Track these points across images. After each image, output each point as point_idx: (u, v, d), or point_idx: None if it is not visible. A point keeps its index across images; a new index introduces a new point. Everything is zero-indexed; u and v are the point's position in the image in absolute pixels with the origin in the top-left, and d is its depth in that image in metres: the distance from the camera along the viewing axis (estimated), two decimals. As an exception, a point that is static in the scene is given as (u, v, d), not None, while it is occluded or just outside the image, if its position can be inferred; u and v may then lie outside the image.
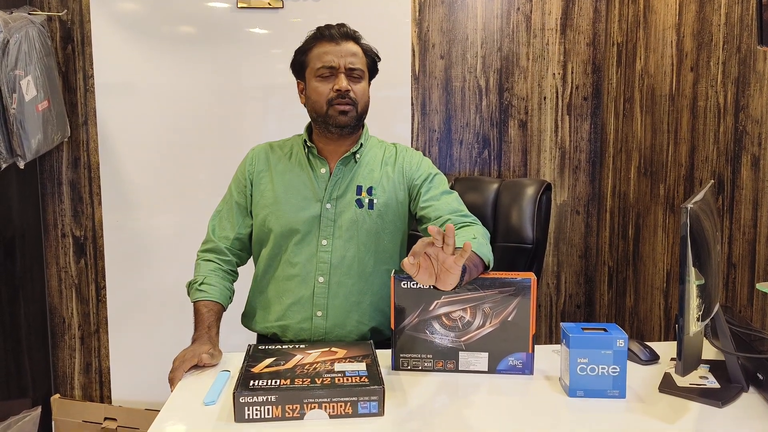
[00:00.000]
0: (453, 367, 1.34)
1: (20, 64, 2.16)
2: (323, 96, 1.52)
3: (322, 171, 1.58)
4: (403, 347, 1.35)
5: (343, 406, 1.14)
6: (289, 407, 1.13)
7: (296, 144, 1.64)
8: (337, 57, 1.51)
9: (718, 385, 1.26)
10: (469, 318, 1.33)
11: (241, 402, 1.12)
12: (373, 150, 1.63)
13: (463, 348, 1.34)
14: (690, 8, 1.96)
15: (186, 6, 2.44)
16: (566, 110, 2.61)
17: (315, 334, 1.56)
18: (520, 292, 1.32)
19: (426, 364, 1.35)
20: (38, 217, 2.54)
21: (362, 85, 1.54)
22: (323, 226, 1.55)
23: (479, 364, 1.34)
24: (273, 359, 1.27)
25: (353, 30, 1.56)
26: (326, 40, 1.52)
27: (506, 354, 1.33)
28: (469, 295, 1.33)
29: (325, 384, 1.15)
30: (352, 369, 1.22)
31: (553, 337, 2.71)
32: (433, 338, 1.34)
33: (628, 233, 2.42)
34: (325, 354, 1.30)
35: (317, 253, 1.55)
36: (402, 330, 1.35)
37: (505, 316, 1.33)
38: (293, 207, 1.56)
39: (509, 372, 1.34)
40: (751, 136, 1.66)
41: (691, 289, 1.11)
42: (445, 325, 1.34)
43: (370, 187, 1.57)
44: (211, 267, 1.59)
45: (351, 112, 1.52)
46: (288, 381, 1.16)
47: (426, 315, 1.34)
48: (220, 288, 1.55)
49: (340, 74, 1.51)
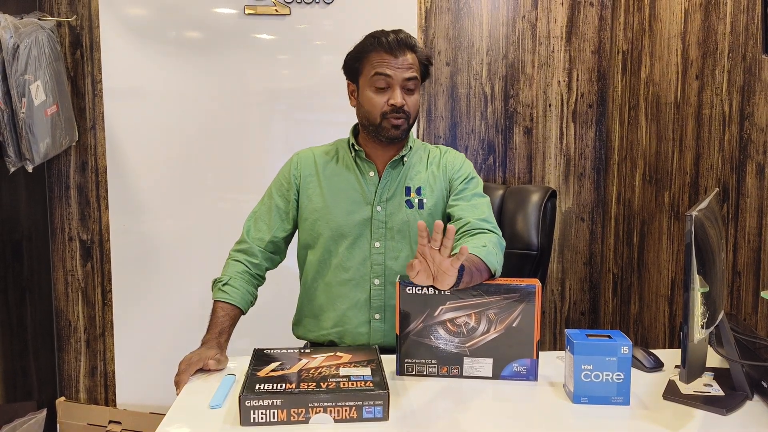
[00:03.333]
0: (457, 372, 1.35)
1: (30, 68, 2.18)
2: (377, 108, 1.51)
3: (371, 174, 1.58)
4: (408, 352, 1.35)
5: (348, 410, 1.14)
6: (295, 411, 1.13)
7: (341, 148, 1.63)
8: (394, 69, 1.49)
9: (722, 393, 1.26)
10: (473, 324, 1.33)
11: (247, 405, 1.13)
12: (418, 152, 1.64)
13: (468, 354, 1.34)
14: (695, 17, 1.97)
15: (193, 12, 2.46)
16: (571, 117, 2.62)
17: (374, 338, 1.56)
18: (525, 298, 1.32)
19: (431, 369, 1.35)
20: (46, 221, 2.56)
21: (416, 96, 1.54)
22: (375, 229, 1.56)
23: (483, 370, 1.34)
24: (278, 363, 1.28)
25: (409, 36, 1.53)
26: (384, 49, 1.50)
27: (510, 360, 1.33)
28: (473, 301, 1.33)
29: (330, 388, 1.16)
30: (357, 374, 1.22)
31: (557, 344, 2.71)
32: (438, 344, 1.34)
33: (632, 240, 2.42)
34: (330, 358, 1.30)
35: (371, 256, 1.55)
36: (407, 335, 1.35)
37: (509, 323, 1.33)
38: (343, 211, 1.56)
39: (513, 378, 1.34)
40: (756, 145, 1.66)
41: (696, 297, 1.11)
42: (450, 331, 1.34)
43: (418, 188, 1.58)
44: (239, 269, 1.57)
45: (403, 126, 1.52)
46: (293, 385, 1.17)
47: (431, 320, 1.34)
48: (242, 292, 1.54)
49: (397, 88, 1.50)
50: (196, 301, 2.45)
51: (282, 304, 1.86)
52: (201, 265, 2.53)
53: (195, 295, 2.48)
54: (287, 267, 1.73)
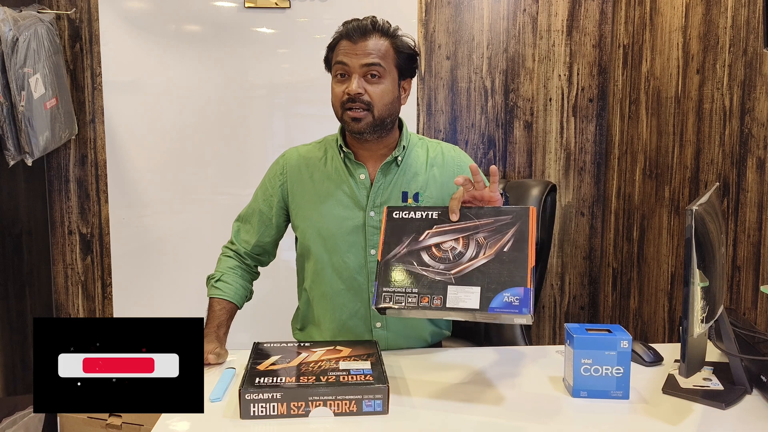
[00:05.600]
0: (440, 303, 1.17)
1: (29, 62, 2.17)
2: (337, 98, 1.42)
3: (361, 177, 1.48)
4: (387, 280, 1.21)
5: (347, 404, 1.14)
6: (294, 405, 1.13)
7: (330, 147, 1.54)
8: (351, 57, 1.40)
9: (721, 387, 1.26)
10: (461, 249, 1.21)
11: (247, 399, 1.13)
12: (416, 151, 1.53)
13: (453, 282, 1.18)
14: (696, 11, 1.96)
15: (193, 5, 2.45)
16: (572, 112, 2.61)
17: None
18: (518, 219, 1.21)
19: (410, 300, 1.19)
20: (45, 214, 2.56)
21: (382, 86, 1.41)
22: (369, 235, 1.46)
23: (470, 301, 1.16)
24: (278, 357, 1.28)
25: (374, 22, 1.43)
26: (345, 37, 1.42)
27: (500, 289, 1.16)
28: (462, 224, 1.23)
29: (330, 382, 1.16)
30: (356, 367, 1.22)
31: (557, 338, 2.72)
32: (420, 270, 1.21)
33: (632, 235, 2.42)
34: (329, 352, 1.30)
35: (366, 264, 1.47)
36: (388, 262, 1.23)
37: (500, 247, 1.19)
38: (335, 218, 1.47)
39: (504, 310, 1.15)
40: (757, 139, 1.66)
41: (696, 291, 1.11)
42: (435, 257, 1.21)
43: (416, 194, 1.48)
44: (231, 264, 1.56)
45: (366, 118, 1.40)
46: (293, 379, 1.17)
47: (415, 245, 1.23)
48: (235, 287, 1.53)
49: (354, 76, 1.40)
50: (195, 294, 2.44)
51: (280, 298, 1.86)
52: (200, 258, 2.53)
53: (194, 289, 2.47)
54: (285, 260, 1.73)
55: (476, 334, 1.88)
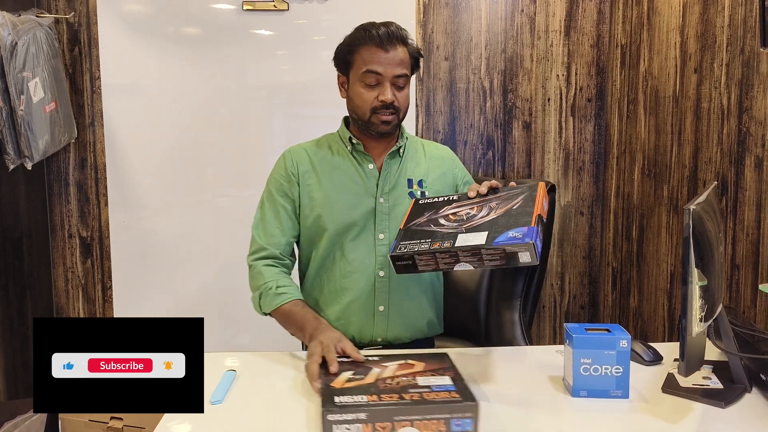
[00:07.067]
0: (450, 245, 1.24)
1: (28, 66, 2.17)
2: (367, 103, 1.51)
3: (369, 167, 1.58)
4: (406, 237, 1.32)
5: (435, 424, 1.05)
6: (380, 426, 1.05)
7: (334, 143, 1.62)
8: (385, 65, 1.48)
9: (721, 386, 1.26)
10: (474, 213, 1.33)
11: (330, 420, 1.04)
12: (412, 144, 1.66)
13: (463, 231, 1.28)
14: (694, 10, 1.96)
15: (192, 8, 2.45)
16: (570, 111, 2.62)
17: (377, 332, 1.57)
18: (529, 189, 1.34)
19: (423, 246, 1.27)
20: (45, 218, 2.56)
21: (406, 91, 1.53)
22: (379, 221, 1.56)
23: (477, 240, 1.23)
24: (351, 373, 1.21)
25: (399, 29, 1.52)
26: (374, 43, 1.48)
27: (506, 230, 1.22)
28: (478, 199, 1.38)
29: (414, 400, 1.08)
30: (437, 384, 1.15)
31: (556, 338, 2.72)
32: (435, 228, 1.32)
33: (632, 234, 2.42)
34: (402, 367, 1.23)
35: (375, 248, 1.56)
36: (408, 227, 1.36)
37: (509, 208, 1.30)
38: (346, 204, 1.56)
39: (508, 243, 1.19)
40: (755, 138, 1.66)
41: (694, 290, 1.12)
42: (450, 219, 1.34)
43: (420, 180, 1.61)
44: (277, 271, 1.55)
45: (393, 121, 1.53)
46: (375, 397, 1.09)
47: (434, 215, 1.37)
48: (295, 287, 1.53)
49: (387, 84, 1.49)
50: (196, 296, 2.45)
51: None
52: (200, 260, 2.54)
53: (195, 291, 2.48)
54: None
55: (476, 334, 1.88)
